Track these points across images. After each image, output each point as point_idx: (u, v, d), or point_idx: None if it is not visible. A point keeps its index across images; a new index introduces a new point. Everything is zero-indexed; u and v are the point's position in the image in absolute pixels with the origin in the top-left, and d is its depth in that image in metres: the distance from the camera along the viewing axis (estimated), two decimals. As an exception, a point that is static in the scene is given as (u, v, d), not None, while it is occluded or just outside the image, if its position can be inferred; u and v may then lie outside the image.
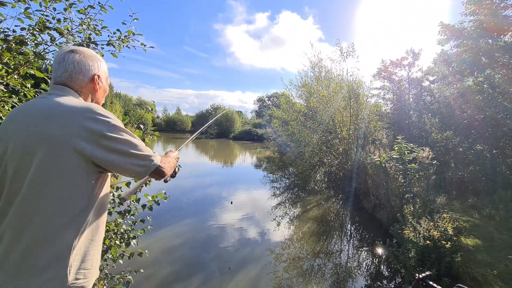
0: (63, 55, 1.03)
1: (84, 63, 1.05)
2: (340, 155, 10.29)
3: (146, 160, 0.99)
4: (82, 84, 1.05)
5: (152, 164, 1.01)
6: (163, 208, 2.89)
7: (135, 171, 0.97)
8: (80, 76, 1.04)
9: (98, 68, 1.10)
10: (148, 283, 3.73)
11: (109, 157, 0.91)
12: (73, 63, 1.02)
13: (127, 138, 0.95)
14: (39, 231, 0.83)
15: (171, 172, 1.16)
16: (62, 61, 1.02)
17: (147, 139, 2.12)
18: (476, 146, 8.24)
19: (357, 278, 4.23)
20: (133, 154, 0.95)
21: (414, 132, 10.43)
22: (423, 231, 3.98)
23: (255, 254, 4.86)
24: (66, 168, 0.87)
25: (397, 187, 5.81)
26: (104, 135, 0.90)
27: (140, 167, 0.98)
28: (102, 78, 1.13)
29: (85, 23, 2.31)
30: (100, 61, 1.12)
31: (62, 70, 1.02)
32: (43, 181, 0.85)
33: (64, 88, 1.01)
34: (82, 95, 1.05)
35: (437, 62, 10.84)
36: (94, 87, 1.09)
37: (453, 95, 9.65)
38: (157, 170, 1.04)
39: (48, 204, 0.85)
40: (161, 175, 1.07)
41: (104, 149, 0.90)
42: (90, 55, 1.08)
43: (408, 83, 11.92)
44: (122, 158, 0.93)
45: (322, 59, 11.53)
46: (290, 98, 13.48)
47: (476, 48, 8.36)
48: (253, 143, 31.60)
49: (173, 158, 1.24)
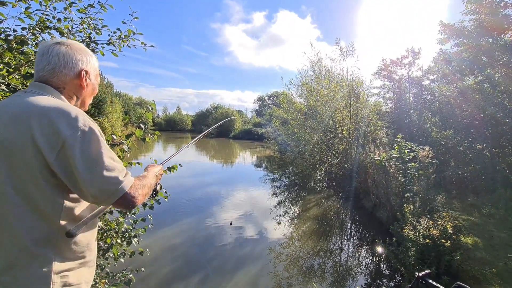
0: (48, 46, 0.92)
1: (70, 56, 0.93)
2: (340, 154, 10.30)
3: (110, 184, 0.80)
4: (66, 79, 0.93)
5: (117, 189, 0.81)
6: (164, 207, 2.91)
7: (93, 194, 0.79)
8: (64, 70, 0.92)
9: (86, 63, 0.98)
10: (149, 282, 3.74)
11: (66, 171, 0.78)
12: (58, 55, 0.91)
13: (94, 152, 0.79)
14: (15, 248, 0.78)
15: (144, 199, 0.94)
16: (46, 52, 0.91)
17: (147, 138, 2.12)
18: (476, 145, 8.25)
19: (357, 277, 4.24)
20: (96, 173, 0.78)
21: (414, 131, 10.44)
22: (423, 230, 4.00)
23: (255, 252, 4.87)
24: (31, 181, 0.78)
25: (397, 186, 5.82)
26: (68, 144, 0.77)
27: (100, 192, 0.79)
28: (91, 74, 1.01)
29: (85, 22, 2.32)
30: (89, 55, 1.00)
31: (45, 63, 0.91)
32: (9, 194, 0.78)
33: (43, 86, 0.90)
34: (65, 92, 0.94)
35: (437, 61, 10.83)
36: (80, 84, 0.97)
37: (453, 94, 9.64)
38: (124, 198, 0.82)
39: (21, 219, 0.78)
40: (128, 205, 0.84)
41: (63, 159, 0.77)
42: (78, 48, 0.97)
43: (408, 82, 11.91)
44: (80, 175, 0.77)
45: (321, 59, 11.54)
46: (290, 97, 13.48)
47: (476, 47, 8.36)
48: (253, 142, 31.60)
49: (151, 178, 1.03)
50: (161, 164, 1.31)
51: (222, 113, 43.61)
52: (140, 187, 0.91)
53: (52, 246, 0.82)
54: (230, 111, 44.52)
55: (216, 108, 50.01)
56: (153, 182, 1.03)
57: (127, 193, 0.83)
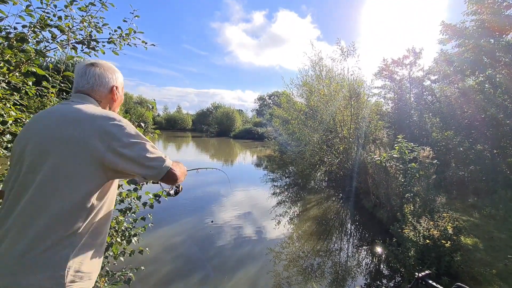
0: (85, 68, 1.11)
1: (104, 76, 1.13)
2: (340, 154, 10.29)
3: (157, 162, 0.99)
4: (103, 95, 1.13)
5: (163, 166, 1.00)
6: (164, 206, 2.90)
7: (147, 174, 0.98)
8: (101, 88, 1.12)
9: (116, 80, 1.18)
10: (149, 281, 3.74)
11: (120, 160, 0.93)
12: (95, 76, 1.10)
13: (139, 142, 0.97)
14: (43, 230, 0.84)
15: (183, 178, 1.15)
16: (84, 74, 1.10)
17: (147, 137, 2.12)
18: (477, 146, 8.24)
19: (356, 277, 4.24)
20: (145, 158, 0.96)
21: (414, 132, 10.43)
22: (423, 230, 3.99)
23: (255, 252, 4.87)
24: (78, 169, 0.90)
25: (397, 186, 5.81)
26: (118, 139, 0.93)
27: (151, 170, 0.98)
28: (119, 89, 1.21)
29: (86, 20, 2.31)
30: (117, 72, 1.20)
31: (85, 82, 1.10)
32: (54, 179, 0.88)
33: (85, 97, 1.08)
34: (101, 104, 1.13)
35: (439, 61, 10.82)
36: (112, 98, 1.17)
37: (454, 94, 9.63)
38: (169, 173, 1.02)
39: (56, 203, 0.86)
40: (173, 178, 1.05)
41: (116, 152, 0.92)
42: (108, 67, 1.16)
43: (409, 83, 11.90)
44: (133, 162, 0.95)
45: (322, 58, 11.51)
46: (291, 97, 13.46)
47: (477, 47, 8.34)
48: (253, 141, 31.60)
49: (183, 167, 1.21)
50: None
51: (223, 112, 43.54)
52: (177, 167, 1.09)
53: (77, 235, 0.90)
54: (231, 110, 44.39)
55: (216, 107, 49.96)
56: (184, 170, 1.18)
57: (171, 168, 1.02)
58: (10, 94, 2.02)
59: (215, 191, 9.19)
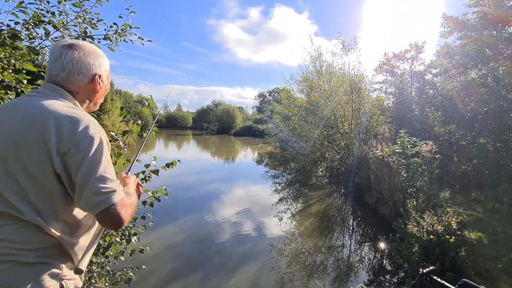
0: (61, 50, 0.92)
1: (84, 61, 0.94)
2: (342, 150, 10.24)
3: (99, 192, 0.79)
4: (81, 85, 0.95)
5: (104, 199, 0.79)
6: (164, 204, 2.87)
7: (83, 201, 0.80)
8: (79, 76, 0.93)
9: (99, 67, 0.99)
10: (150, 280, 3.73)
11: (67, 173, 0.80)
12: (72, 61, 0.91)
13: (96, 160, 0.81)
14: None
15: (130, 219, 0.90)
16: (59, 57, 0.91)
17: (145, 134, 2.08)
18: (480, 140, 8.16)
19: (359, 273, 4.21)
20: (91, 180, 0.79)
21: (416, 126, 10.35)
22: (427, 226, 3.95)
23: (257, 249, 4.85)
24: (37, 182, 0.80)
25: (400, 181, 5.76)
26: (75, 149, 0.79)
27: (87, 199, 0.79)
28: (104, 77, 1.02)
29: (80, 16, 2.26)
30: (102, 57, 1.01)
31: (59, 69, 0.91)
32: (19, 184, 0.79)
33: (58, 89, 0.92)
34: (78, 96, 0.96)
35: (440, 55, 10.69)
36: (94, 88, 0.98)
37: (456, 88, 9.52)
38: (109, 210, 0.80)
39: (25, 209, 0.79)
40: (113, 219, 0.81)
41: (66, 162, 0.80)
42: (90, 51, 0.97)
43: (411, 77, 11.79)
44: (77, 179, 0.79)
45: (322, 54, 11.42)
46: (291, 93, 13.38)
47: (479, 40, 8.22)
48: (254, 138, 31.55)
49: (135, 195, 1.00)
50: (128, 172, 1.22)
51: (223, 110, 43.44)
52: (129, 206, 0.88)
53: (53, 253, 0.84)
54: (231, 107, 44.26)
55: (216, 105, 49.83)
56: (136, 200, 1.00)
57: (114, 206, 0.81)
58: (4, 93, 1.98)
59: (216, 188, 9.17)
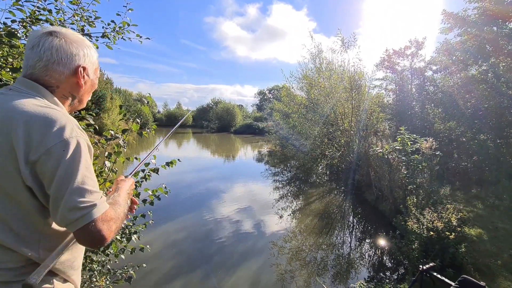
0: (39, 37, 0.79)
1: (65, 50, 0.81)
2: (342, 147, 10.23)
3: (76, 207, 0.68)
4: (61, 77, 0.82)
5: (83, 215, 0.68)
6: (164, 202, 2.87)
7: (59, 216, 0.69)
8: (59, 67, 0.81)
9: (84, 57, 0.86)
10: (151, 278, 3.74)
11: (39, 185, 0.71)
12: (51, 49, 0.79)
13: (72, 169, 0.70)
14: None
15: (115, 234, 0.78)
16: (37, 45, 0.79)
17: (144, 132, 2.07)
18: (480, 136, 8.14)
19: (359, 270, 4.22)
20: (65, 191, 0.68)
21: (416, 123, 10.32)
22: (427, 222, 3.95)
23: (257, 246, 4.86)
24: (10, 190, 0.71)
25: (400, 178, 5.76)
26: (46, 156, 0.68)
27: (63, 215, 0.68)
28: (89, 70, 0.89)
29: (78, 14, 2.25)
30: (87, 47, 0.88)
31: (36, 59, 0.79)
32: None
33: (33, 85, 0.79)
34: (58, 92, 0.83)
35: (440, 51, 10.65)
36: (77, 82, 0.86)
37: (457, 84, 9.50)
38: (89, 228, 0.69)
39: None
40: (94, 238, 0.70)
41: (37, 173, 0.70)
42: (74, 40, 0.84)
43: (411, 73, 11.75)
44: (51, 191, 0.69)
45: (322, 51, 11.37)
46: (290, 90, 13.35)
47: (480, 36, 8.18)
48: (254, 136, 31.54)
49: (124, 204, 0.88)
50: (129, 175, 1.14)
51: (223, 108, 43.39)
52: (113, 220, 0.76)
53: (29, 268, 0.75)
54: (231, 105, 44.21)
55: (216, 103, 49.77)
56: (127, 208, 0.90)
57: (94, 222, 0.70)
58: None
59: (215, 186, 9.17)
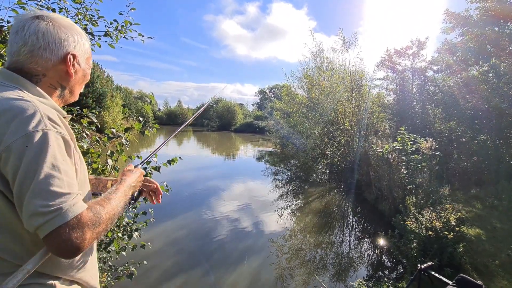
0: (24, 21, 0.73)
1: (53, 35, 0.74)
2: (342, 146, 10.25)
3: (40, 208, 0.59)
4: (48, 64, 0.75)
5: (50, 219, 0.59)
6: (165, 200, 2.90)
7: (24, 221, 0.61)
8: (45, 53, 0.74)
9: (74, 44, 0.79)
10: (152, 274, 3.77)
11: (3, 185, 0.64)
12: (37, 33, 0.72)
13: (35, 165, 0.61)
14: None
15: (99, 237, 0.69)
16: (21, 29, 0.72)
17: (146, 131, 2.09)
18: (480, 137, 8.15)
19: (358, 268, 4.25)
20: (28, 191, 0.60)
21: (417, 123, 10.33)
22: (426, 222, 3.98)
23: (258, 245, 4.89)
24: None
25: (399, 178, 5.78)
26: (7, 152, 0.61)
27: (28, 218, 0.60)
28: (80, 58, 0.82)
29: (81, 13, 2.26)
30: (77, 34, 0.81)
31: (20, 43, 0.72)
32: None
33: (10, 75, 0.73)
34: (44, 81, 0.77)
35: (442, 51, 10.63)
36: (66, 71, 0.79)
37: (457, 85, 9.50)
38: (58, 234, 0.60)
39: None
40: (65, 247, 0.61)
41: (2, 171, 0.63)
42: (63, 24, 0.78)
43: (412, 73, 11.74)
44: (14, 191, 0.62)
45: (323, 50, 11.36)
46: (291, 89, 13.35)
47: (481, 36, 8.18)
48: (254, 135, 31.55)
49: (119, 199, 0.80)
50: (139, 165, 1.09)
51: (224, 106, 43.37)
52: (92, 224, 0.65)
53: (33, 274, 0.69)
54: (231, 104, 44.19)
55: (217, 101, 49.74)
56: (122, 204, 0.81)
57: (62, 229, 0.60)
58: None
59: (216, 185, 9.20)
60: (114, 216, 0.75)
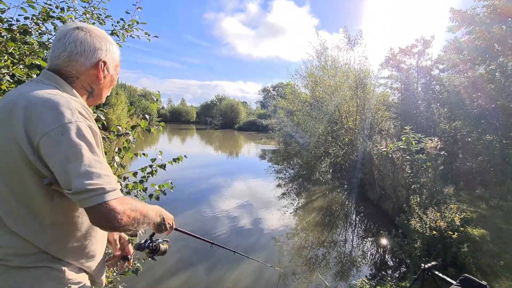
0: (66, 31, 0.86)
1: (88, 43, 0.87)
2: (345, 145, 10.21)
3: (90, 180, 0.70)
4: (82, 69, 0.87)
5: (95, 193, 0.70)
6: (169, 198, 2.92)
7: (74, 198, 0.71)
8: (81, 58, 0.86)
9: (106, 53, 0.92)
10: (157, 270, 3.82)
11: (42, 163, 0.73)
12: (75, 41, 0.85)
13: (74, 152, 0.71)
14: None
15: (133, 224, 0.77)
16: (63, 37, 0.85)
17: (152, 129, 2.12)
18: (486, 136, 8.07)
19: (361, 268, 4.26)
20: (73, 168, 0.69)
21: (422, 122, 10.24)
22: (430, 222, 3.97)
23: (260, 243, 4.92)
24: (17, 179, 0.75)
25: (403, 177, 5.76)
26: (45, 141, 0.70)
27: (77, 194, 0.70)
28: (110, 65, 0.95)
29: (88, 12, 2.29)
30: (110, 43, 0.94)
31: (61, 49, 0.85)
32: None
33: (51, 76, 0.85)
34: (77, 83, 0.88)
35: (448, 50, 10.51)
36: (97, 75, 0.91)
37: (464, 84, 9.39)
38: (102, 208, 0.70)
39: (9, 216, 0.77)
40: (109, 220, 0.71)
41: (42, 158, 0.73)
42: (98, 35, 0.91)
43: (417, 72, 11.63)
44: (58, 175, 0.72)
45: (327, 48, 11.30)
46: (295, 88, 13.31)
47: (489, 34, 8.06)
48: (258, 133, 31.56)
49: (151, 210, 0.90)
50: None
51: (227, 104, 43.43)
52: (131, 207, 0.77)
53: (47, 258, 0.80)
54: (235, 102, 44.24)
55: (220, 99, 49.79)
56: (152, 215, 0.90)
57: (108, 202, 0.71)
58: (15, 87, 2.02)
59: (219, 183, 9.25)
60: (143, 218, 0.83)
